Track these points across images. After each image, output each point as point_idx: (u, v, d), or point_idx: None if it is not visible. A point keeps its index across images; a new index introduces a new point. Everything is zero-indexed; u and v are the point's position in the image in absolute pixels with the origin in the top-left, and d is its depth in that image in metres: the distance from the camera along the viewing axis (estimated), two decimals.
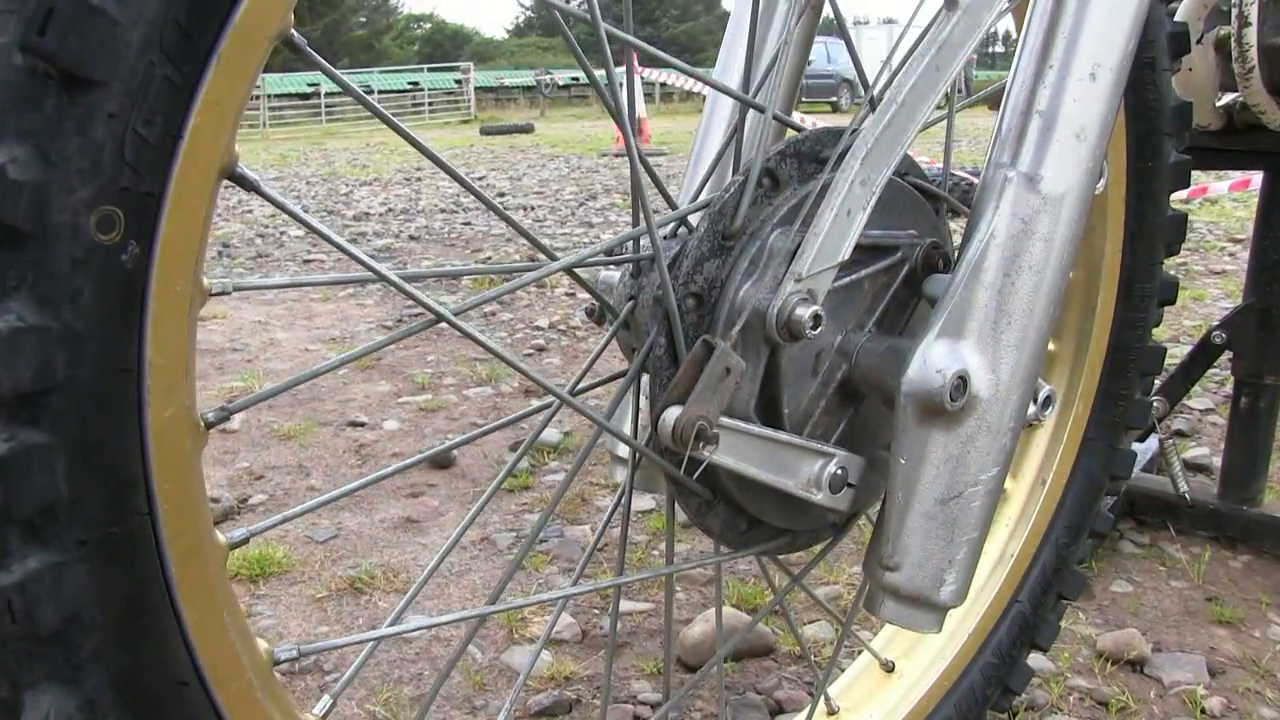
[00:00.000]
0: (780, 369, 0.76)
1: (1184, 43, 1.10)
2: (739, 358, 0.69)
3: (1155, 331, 1.21)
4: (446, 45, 48.35)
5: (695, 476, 0.76)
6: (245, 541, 0.66)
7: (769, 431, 0.73)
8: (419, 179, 9.46)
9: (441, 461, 2.40)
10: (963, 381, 0.75)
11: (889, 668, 1.15)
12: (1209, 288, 4.24)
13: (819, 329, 0.72)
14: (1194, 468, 2.27)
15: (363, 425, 2.70)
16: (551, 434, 2.51)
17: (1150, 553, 1.91)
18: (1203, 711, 1.45)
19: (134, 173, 0.50)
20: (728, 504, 0.80)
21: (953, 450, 0.77)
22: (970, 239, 0.77)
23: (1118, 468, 1.22)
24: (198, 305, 0.59)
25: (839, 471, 0.77)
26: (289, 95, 24.54)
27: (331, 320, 3.86)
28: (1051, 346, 1.20)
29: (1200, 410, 2.65)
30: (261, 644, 0.67)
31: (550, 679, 1.54)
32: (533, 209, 7.04)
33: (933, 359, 0.75)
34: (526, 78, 27.60)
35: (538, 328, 3.72)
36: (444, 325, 0.66)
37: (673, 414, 0.68)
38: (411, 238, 5.75)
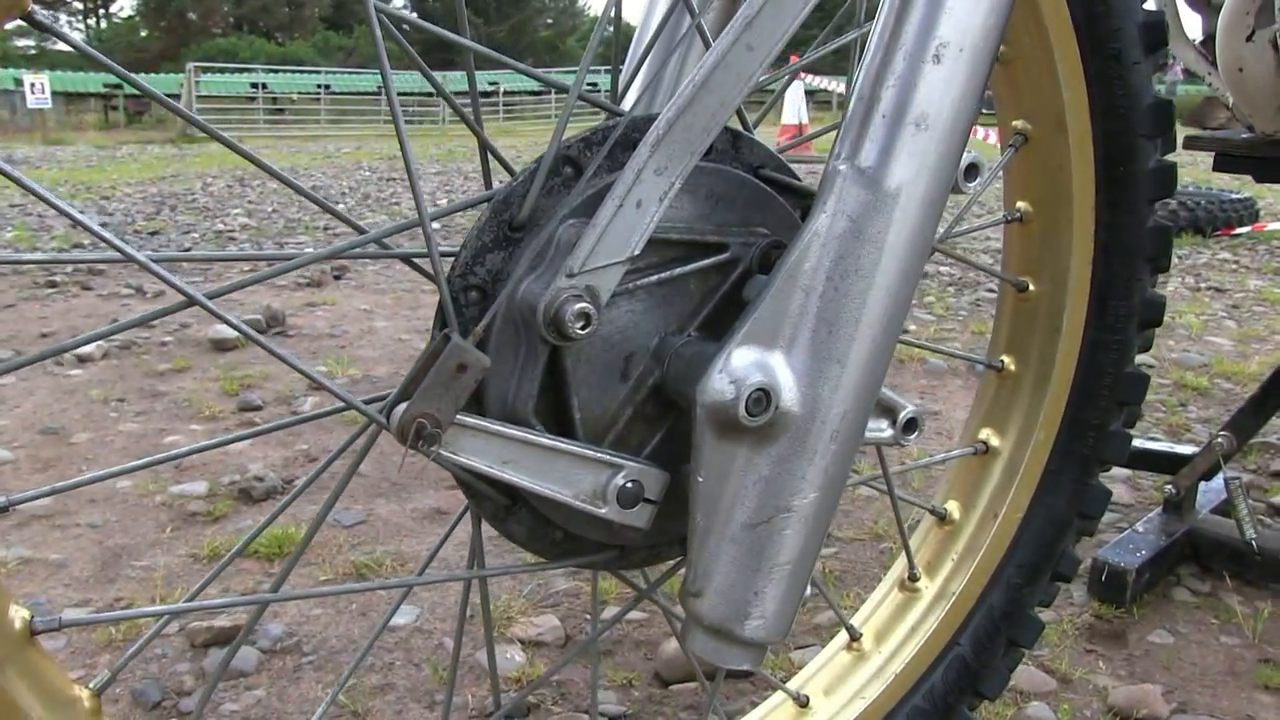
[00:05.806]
0: (566, 370, 0.71)
1: (1160, 33, 0.97)
2: (479, 354, 0.64)
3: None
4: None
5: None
6: (4, 510, 0.65)
7: (526, 434, 0.68)
8: None
9: None
10: (765, 395, 0.68)
11: (803, 702, 1.06)
12: None
13: (589, 330, 0.66)
14: None
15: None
16: None
17: (1206, 602, 1.73)
18: None
19: None
20: (531, 512, 0.75)
21: (761, 471, 0.70)
22: (794, 240, 0.70)
23: (1088, 505, 1.10)
24: None
25: (629, 485, 0.71)
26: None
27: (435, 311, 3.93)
28: (1011, 366, 1.09)
29: None
30: (20, 613, 0.66)
31: (516, 680, 1.51)
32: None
33: (731, 369, 0.68)
34: None
35: None
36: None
37: (400, 409, 0.63)
38: None
